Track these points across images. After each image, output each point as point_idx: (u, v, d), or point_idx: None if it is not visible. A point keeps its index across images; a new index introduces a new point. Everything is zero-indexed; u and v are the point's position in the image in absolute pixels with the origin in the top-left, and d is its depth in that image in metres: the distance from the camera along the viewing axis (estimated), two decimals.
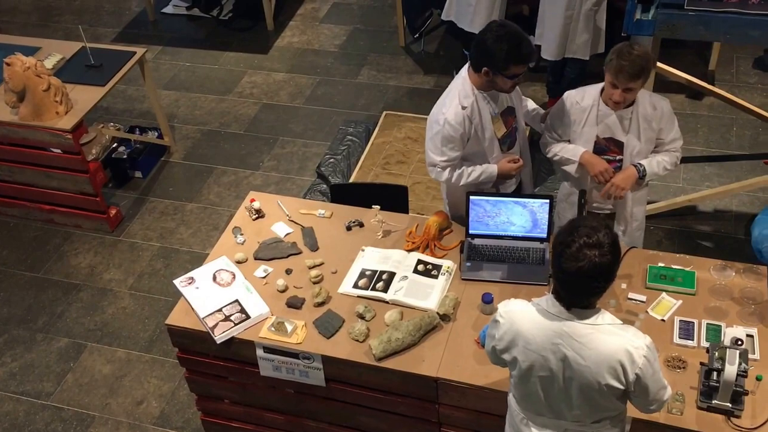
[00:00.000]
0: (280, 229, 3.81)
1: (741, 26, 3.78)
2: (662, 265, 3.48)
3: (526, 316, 2.51)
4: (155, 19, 7.47)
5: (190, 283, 3.52)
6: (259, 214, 3.88)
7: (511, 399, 2.75)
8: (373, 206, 3.80)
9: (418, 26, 6.83)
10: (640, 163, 3.62)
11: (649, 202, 5.03)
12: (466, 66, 3.55)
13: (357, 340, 3.27)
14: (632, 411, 2.88)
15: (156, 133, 5.87)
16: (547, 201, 3.53)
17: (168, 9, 7.58)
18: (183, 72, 6.78)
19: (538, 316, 2.48)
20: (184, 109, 6.35)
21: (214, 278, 3.54)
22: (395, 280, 3.50)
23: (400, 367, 3.18)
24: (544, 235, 3.58)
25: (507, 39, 3.33)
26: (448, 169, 3.64)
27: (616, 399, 2.50)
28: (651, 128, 3.59)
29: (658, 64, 5.27)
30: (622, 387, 2.43)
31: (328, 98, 6.39)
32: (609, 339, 2.40)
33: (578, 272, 2.30)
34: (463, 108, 3.51)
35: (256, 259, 3.66)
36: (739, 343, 2.80)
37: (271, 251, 3.68)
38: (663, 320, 3.25)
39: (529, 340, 2.48)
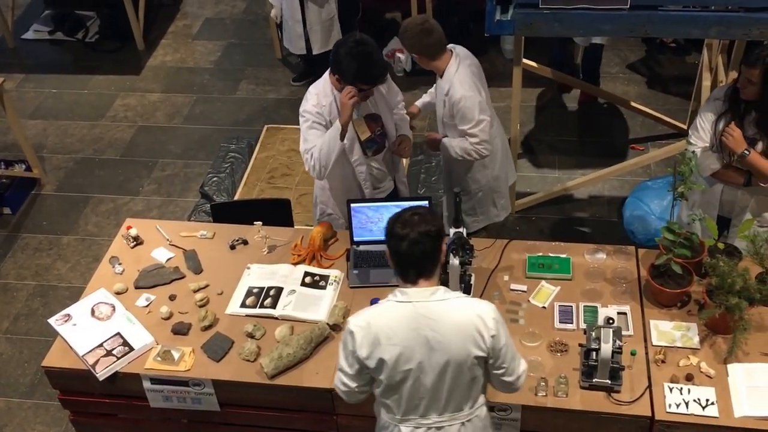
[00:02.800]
0: (161, 255, 3.71)
1: (593, 21, 3.97)
2: (540, 254, 3.61)
3: (380, 314, 2.58)
4: (15, 47, 7.15)
5: (66, 321, 3.38)
6: (138, 241, 3.77)
7: (380, 410, 2.77)
8: (255, 223, 3.77)
9: None
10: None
11: (527, 194, 5.23)
12: None
13: (248, 360, 3.23)
14: (521, 398, 2.99)
15: (23, 166, 5.61)
16: (426, 202, 3.59)
17: (28, 35, 7.27)
18: (50, 99, 6.51)
19: (390, 310, 2.57)
20: (53, 138, 6.10)
21: (93, 312, 3.41)
22: (283, 295, 3.48)
23: (293, 383, 3.16)
24: None
25: (358, 58, 3.45)
26: (311, 156, 3.74)
27: (481, 368, 2.61)
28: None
29: (528, 61, 5.48)
30: (484, 354, 2.55)
31: (207, 116, 6.29)
32: (459, 309, 2.54)
33: (405, 235, 2.49)
34: (321, 105, 3.66)
35: (136, 288, 3.56)
36: (611, 321, 2.93)
37: (152, 278, 3.59)
38: (544, 307, 3.37)
39: (390, 334, 2.54)
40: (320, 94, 3.67)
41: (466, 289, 3.38)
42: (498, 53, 6.57)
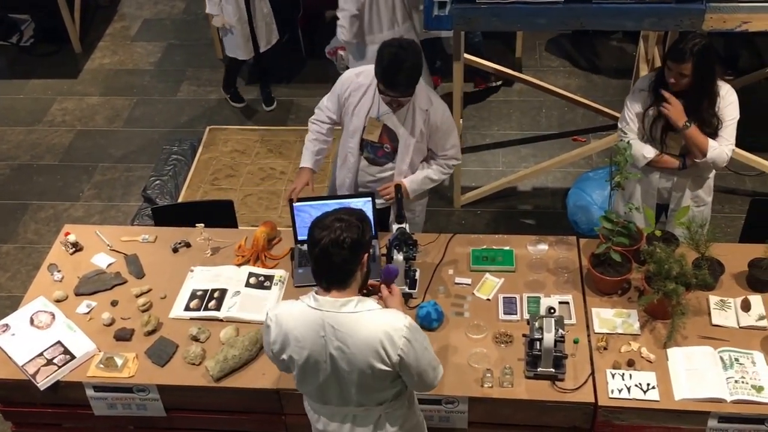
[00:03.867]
0: (101, 260, 3.64)
1: (529, 15, 4.02)
2: (484, 247, 3.64)
3: (291, 314, 2.55)
4: None
5: (4, 331, 3.29)
6: (77, 247, 3.69)
7: (304, 397, 2.79)
8: (197, 225, 3.72)
9: None
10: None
11: (472, 188, 5.28)
12: None
13: (193, 364, 3.19)
14: (468, 390, 3.02)
15: None
16: (369, 199, 3.60)
17: None
18: None
19: (302, 313, 2.53)
20: None
21: (32, 321, 3.33)
22: (228, 297, 3.45)
23: (240, 385, 3.13)
24: (372, 233, 3.64)
25: (388, 59, 3.35)
26: (319, 116, 3.81)
27: (390, 381, 2.58)
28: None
29: (469, 56, 5.53)
30: (389, 369, 2.50)
31: (148, 118, 6.19)
32: (369, 324, 2.48)
33: (322, 240, 2.41)
34: (357, 76, 3.61)
35: (77, 295, 3.49)
36: (552, 311, 2.98)
37: (92, 284, 3.52)
38: (488, 299, 3.40)
39: (299, 338, 2.52)
40: (368, 70, 3.55)
41: (412, 284, 3.40)
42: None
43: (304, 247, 3.62)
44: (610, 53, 6.51)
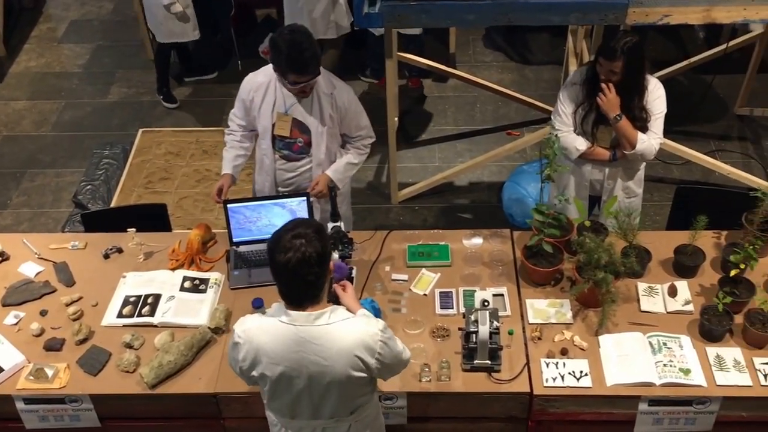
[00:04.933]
0: (29, 269, 3.54)
1: (458, 12, 4.05)
2: (420, 243, 3.67)
3: (262, 330, 2.51)
4: None
5: None
6: (3, 256, 3.59)
7: (268, 411, 2.75)
8: (128, 230, 3.65)
9: None
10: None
11: (409, 184, 5.30)
12: None
13: (127, 371, 3.13)
14: (406, 386, 3.03)
15: None
16: (304, 198, 3.59)
17: None
18: None
19: (273, 328, 2.49)
20: None
21: None
22: (162, 302, 3.39)
23: (176, 390, 3.08)
24: (329, 238, 3.63)
25: (288, 45, 3.33)
26: (231, 126, 3.79)
27: (366, 385, 2.59)
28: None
29: (403, 54, 5.55)
30: (366, 375, 2.52)
31: (77, 122, 6.04)
32: (345, 335, 2.47)
33: (290, 262, 2.36)
34: (256, 76, 3.62)
35: (4, 305, 3.38)
36: (486, 304, 3.01)
37: (20, 294, 3.42)
38: (425, 294, 3.42)
39: (271, 354, 2.48)
40: (266, 70, 3.59)
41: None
42: None
43: (240, 248, 3.61)
44: (541, 48, 6.62)
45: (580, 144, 3.71)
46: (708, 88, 5.71)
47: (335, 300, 2.75)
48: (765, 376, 3.01)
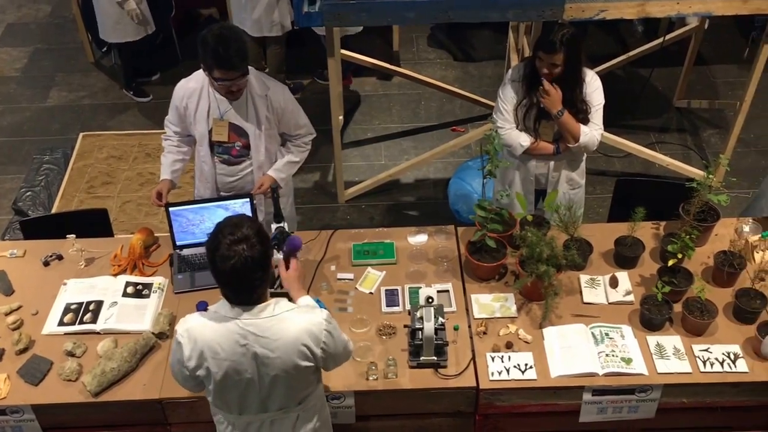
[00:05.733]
0: None
1: (398, 9, 4.07)
2: (365, 241, 3.67)
3: (206, 327, 2.49)
4: None
5: None
6: None
7: (213, 409, 2.73)
8: (68, 236, 3.58)
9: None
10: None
11: (355, 183, 5.30)
12: None
13: (69, 380, 3.07)
14: (354, 385, 3.04)
15: None
16: (248, 199, 3.56)
17: None
18: None
19: (217, 325, 2.48)
20: None
21: None
22: (104, 308, 3.33)
23: (120, 398, 3.03)
24: (267, 234, 3.60)
25: (213, 40, 3.27)
26: (167, 131, 3.74)
27: (312, 374, 2.60)
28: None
29: (346, 52, 5.55)
30: (312, 364, 2.54)
31: (15, 127, 5.90)
32: (291, 325, 2.48)
33: (234, 269, 2.34)
34: (188, 82, 3.57)
35: None
36: (430, 300, 3.03)
37: None
38: (371, 293, 3.43)
39: (217, 350, 2.47)
40: (198, 75, 3.54)
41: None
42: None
43: (183, 252, 3.57)
44: (484, 44, 6.67)
45: (524, 140, 3.75)
46: (647, 82, 5.83)
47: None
48: (704, 362, 3.08)
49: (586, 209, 4.48)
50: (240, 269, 2.34)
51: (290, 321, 2.49)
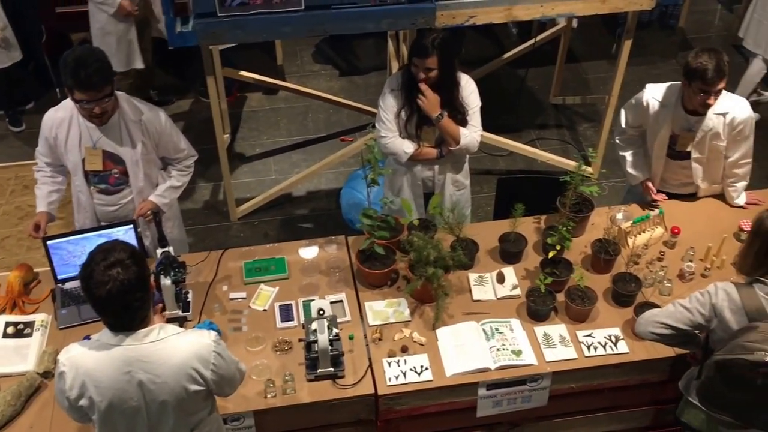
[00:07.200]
0: None
1: (272, 25, 4.06)
2: (256, 258, 3.65)
3: (88, 356, 2.42)
4: None
5: None
6: None
7: None
8: None
9: None
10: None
11: (247, 199, 5.26)
12: None
13: None
14: (252, 404, 3.01)
15: None
16: (131, 227, 3.48)
17: None
18: None
19: (100, 353, 2.41)
20: None
21: None
22: None
23: None
24: (144, 254, 3.52)
25: (73, 61, 3.18)
26: (39, 163, 3.63)
27: (204, 399, 2.56)
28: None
29: (229, 69, 5.50)
30: (203, 387, 2.49)
31: None
32: (177, 350, 2.43)
33: (110, 294, 2.29)
34: (56, 112, 3.46)
35: None
36: (322, 312, 3.04)
37: None
38: (265, 310, 3.41)
39: (100, 379, 2.40)
40: (64, 103, 3.45)
41: (185, 308, 3.33)
42: None
43: (66, 285, 3.45)
44: (367, 54, 6.75)
45: (407, 147, 3.82)
46: (523, 81, 6.05)
47: None
48: (588, 347, 3.22)
49: (473, 208, 4.59)
50: (116, 294, 2.28)
51: (177, 345, 2.44)
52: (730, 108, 3.61)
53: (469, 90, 3.80)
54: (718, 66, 3.39)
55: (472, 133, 3.79)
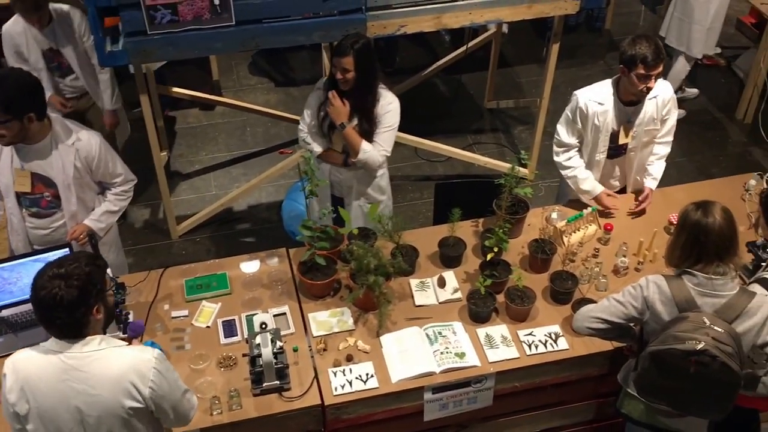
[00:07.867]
0: None
1: (204, 41, 4.06)
2: (198, 275, 3.63)
3: (31, 361, 2.40)
4: None
5: None
6: None
7: None
8: None
9: None
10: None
11: (188, 216, 5.23)
12: None
13: None
14: (198, 423, 2.99)
15: None
16: (66, 250, 3.41)
17: None
18: None
19: (42, 358, 2.38)
20: None
21: None
22: None
23: None
24: (102, 274, 3.46)
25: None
26: None
27: (146, 424, 2.52)
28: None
29: (163, 86, 5.46)
30: (141, 405, 2.44)
31: None
32: (115, 361, 2.40)
33: (41, 302, 2.30)
34: None
35: None
36: (264, 326, 3.04)
37: None
38: (208, 327, 3.40)
39: (37, 384, 2.37)
40: None
41: (125, 329, 3.28)
42: None
43: (3, 313, 3.39)
44: (303, 65, 6.77)
45: (316, 147, 3.89)
46: (458, 87, 6.14)
47: None
48: (529, 346, 3.29)
49: (414, 215, 4.65)
50: (46, 305, 2.29)
51: (116, 357, 2.40)
52: (659, 91, 3.76)
53: (387, 108, 3.83)
54: (657, 49, 3.54)
55: (374, 151, 3.82)
